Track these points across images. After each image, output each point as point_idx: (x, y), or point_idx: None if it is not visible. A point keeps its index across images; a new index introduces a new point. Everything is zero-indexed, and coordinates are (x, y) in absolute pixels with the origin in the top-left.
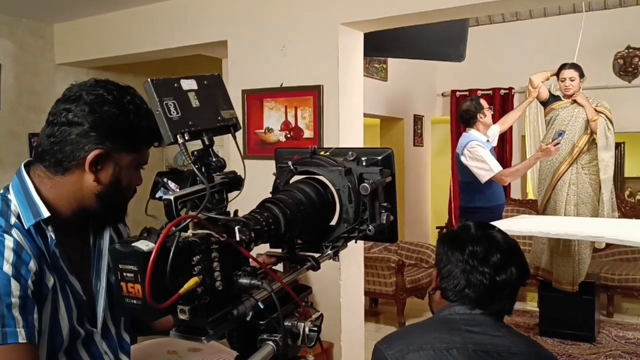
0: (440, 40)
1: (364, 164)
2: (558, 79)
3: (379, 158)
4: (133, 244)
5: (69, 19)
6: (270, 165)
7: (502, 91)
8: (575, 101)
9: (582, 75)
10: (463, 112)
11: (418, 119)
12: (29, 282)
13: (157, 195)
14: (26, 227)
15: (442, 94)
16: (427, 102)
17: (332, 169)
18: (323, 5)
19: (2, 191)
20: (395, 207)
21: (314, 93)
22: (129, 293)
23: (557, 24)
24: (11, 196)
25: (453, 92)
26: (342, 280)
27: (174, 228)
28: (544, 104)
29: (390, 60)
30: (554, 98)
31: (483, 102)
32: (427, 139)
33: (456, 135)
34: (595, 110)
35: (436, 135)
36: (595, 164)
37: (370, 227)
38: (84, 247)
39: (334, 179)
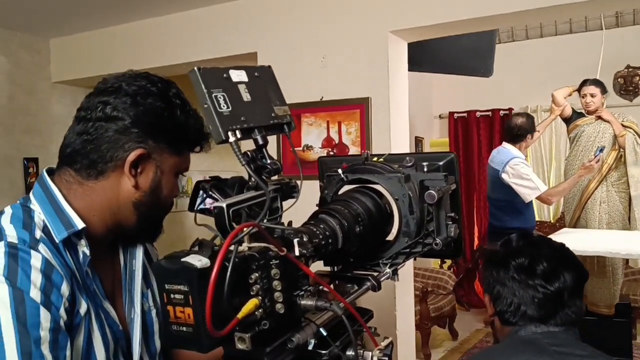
0: (469, 55)
1: (424, 169)
2: (580, 95)
3: (441, 163)
4: (183, 259)
5: (67, 33)
6: (309, 186)
7: (502, 112)
8: (600, 117)
9: (604, 91)
10: (515, 127)
11: (419, 141)
12: (61, 310)
13: (199, 207)
14: (57, 241)
15: (440, 116)
16: (426, 124)
17: (389, 176)
18: (370, 13)
19: (20, 201)
20: (462, 217)
21: (361, 106)
22: (178, 319)
23: (554, 44)
24: (34, 206)
25: (451, 113)
26: (398, 310)
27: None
28: (567, 120)
29: None
30: (577, 114)
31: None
32: None
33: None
34: (622, 125)
35: None
36: (625, 181)
37: (437, 240)
38: (114, 269)
39: (392, 187)
